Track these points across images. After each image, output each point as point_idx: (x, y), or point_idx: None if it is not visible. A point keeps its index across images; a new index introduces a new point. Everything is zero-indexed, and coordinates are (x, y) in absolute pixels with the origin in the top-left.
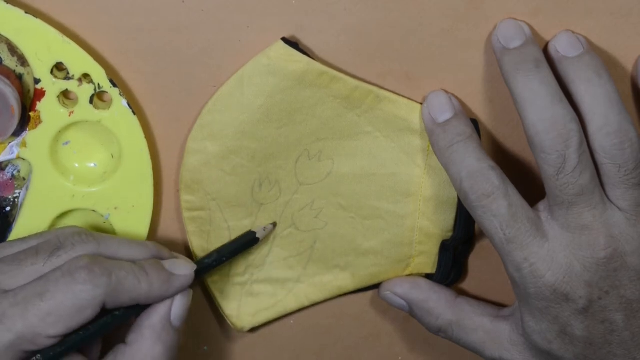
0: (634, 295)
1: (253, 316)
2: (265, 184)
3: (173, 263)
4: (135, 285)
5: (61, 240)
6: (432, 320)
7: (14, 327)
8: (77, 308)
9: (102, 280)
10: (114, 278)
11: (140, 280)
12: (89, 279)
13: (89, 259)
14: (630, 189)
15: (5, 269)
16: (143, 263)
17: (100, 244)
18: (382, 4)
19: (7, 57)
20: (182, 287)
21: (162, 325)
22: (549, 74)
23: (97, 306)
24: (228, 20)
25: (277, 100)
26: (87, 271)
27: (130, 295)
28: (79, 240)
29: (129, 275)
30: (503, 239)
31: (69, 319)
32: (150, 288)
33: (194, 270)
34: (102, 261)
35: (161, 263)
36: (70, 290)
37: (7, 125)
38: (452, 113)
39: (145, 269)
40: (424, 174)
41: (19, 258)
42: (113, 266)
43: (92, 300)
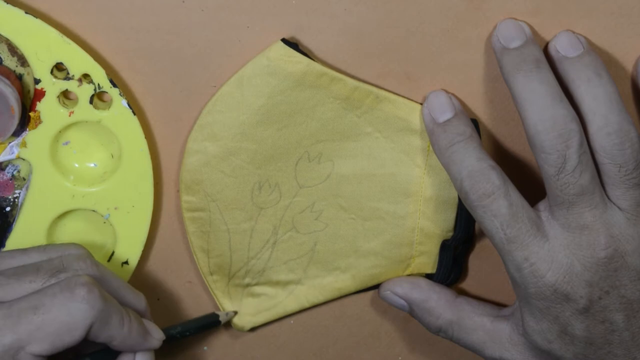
0: (634, 295)
1: (253, 316)
2: (265, 187)
3: (150, 324)
4: (118, 326)
5: (64, 264)
6: (432, 320)
7: (3, 338)
8: (67, 327)
9: (98, 302)
10: (107, 307)
11: (124, 322)
12: (87, 298)
13: (89, 279)
14: (631, 188)
15: (3, 282)
16: (130, 312)
17: (103, 275)
18: (382, 4)
19: (7, 57)
20: (151, 347)
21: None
22: (549, 74)
23: (86, 328)
24: (228, 20)
25: (277, 101)
26: (87, 289)
27: (111, 331)
28: (83, 267)
29: (117, 314)
30: (503, 238)
31: (56, 337)
32: (129, 334)
33: (161, 342)
34: (98, 286)
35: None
36: (66, 306)
37: (7, 125)
38: (452, 113)
39: (130, 315)
40: (424, 174)
41: (19, 273)
42: (108, 297)
43: (85, 320)
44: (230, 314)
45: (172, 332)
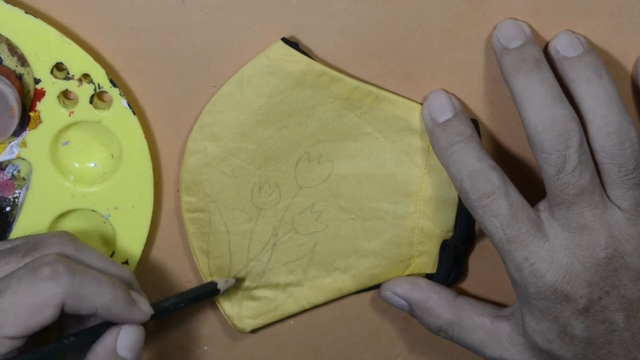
0: (634, 295)
1: (253, 319)
2: (265, 187)
3: (137, 296)
4: (98, 293)
5: (38, 242)
6: (432, 320)
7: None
8: (36, 306)
9: (64, 278)
10: (77, 279)
11: (104, 290)
12: (51, 276)
13: (55, 257)
14: (631, 188)
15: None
16: (114, 279)
17: (79, 250)
18: (382, 4)
19: (7, 57)
20: (139, 319)
21: (107, 355)
22: (549, 74)
23: (57, 305)
24: (228, 20)
25: (277, 101)
26: (51, 268)
27: (91, 303)
28: (57, 242)
29: (94, 281)
30: (503, 238)
31: (28, 317)
32: (113, 302)
33: (151, 313)
34: (66, 260)
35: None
36: (31, 286)
37: (7, 125)
38: (452, 113)
39: (114, 283)
40: (424, 174)
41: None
42: (80, 269)
43: (52, 298)
44: (230, 282)
45: (164, 304)
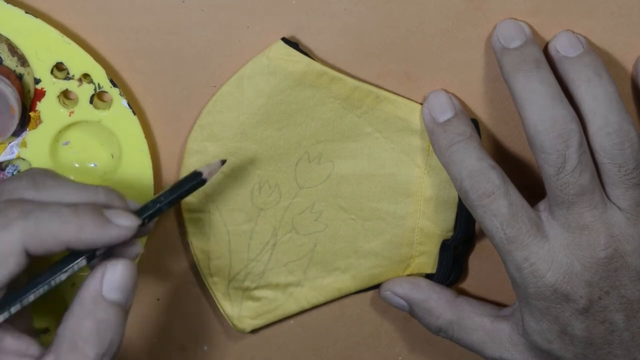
0: (634, 295)
1: (253, 319)
2: (265, 187)
3: (114, 213)
4: (60, 227)
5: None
6: (433, 320)
7: None
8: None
9: (16, 223)
10: (32, 220)
11: (67, 222)
12: (2, 225)
13: (4, 205)
14: (631, 188)
15: None
16: (77, 206)
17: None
18: (382, 4)
19: (7, 57)
20: (119, 236)
21: (92, 298)
22: (549, 74)
23: (17, 253)
24: (228, 20)
25: (277, 101)
26: (1, 217)
27: (56, 238)
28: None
29: (53, 216)
30: (503, 238)
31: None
32: (80, 230)
33: (136, 225)
34: (19, 204)
35: (99, 209)
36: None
37: (7, 125)
38: (452, 113)
39: (76, 211)
40: (424, 174)
41: None
42: (33, 208)
43: (10, 247)
44: (215, 165)
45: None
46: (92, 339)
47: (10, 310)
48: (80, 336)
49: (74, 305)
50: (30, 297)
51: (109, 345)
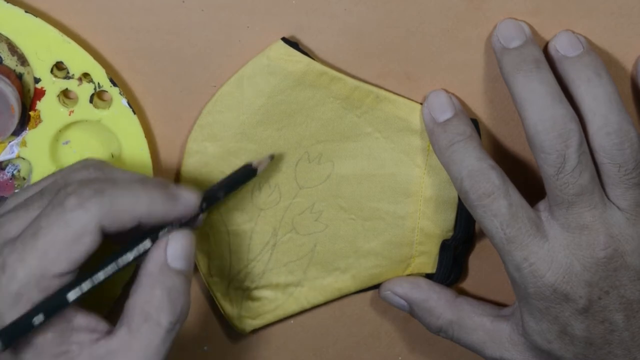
0: (634, 295)
1: (253, 319)
2: (265, 187)
3: (178, 188)
4: (134, 203)
5: (66, 179)
6: (433, 320)
7: (15, 274)
8: (72, 238)
9: (92, 202)
10: (106, 197)
11: (138, 196)
12: (78, 204)
13: (78, 185)
14: (630, 188)
15: (12, 218)
16: (145, 181)
17: (107, 172)
18: (382, 4)
19: (7, 57)
20: (186, 211)
21: (158, 268)
22: (549, 74)
23: (94, 231)
24: (228, 20)
25: (277, 101)
26: (76, 196)
27: (130, 214)
28: (85, 174)
29: (125, 192)
30: (503, 238)
31: (67, 251)
32: (151, 204)
33: (199, 200)
34: (92, 183)
35: (165, 183)
36: (61, 220)
37: (7, 124)
38: (452, 113)
39: (146, 185)
40: (424, 174)
41: (26, 204)
42: (106, 186)
43: (87, 225)
44: (265, 161)
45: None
46: (166, 307)
47: (82, 287)
48: (152, 306)
49: (141, 277)
50: (101, 276)
51: (180, 312)
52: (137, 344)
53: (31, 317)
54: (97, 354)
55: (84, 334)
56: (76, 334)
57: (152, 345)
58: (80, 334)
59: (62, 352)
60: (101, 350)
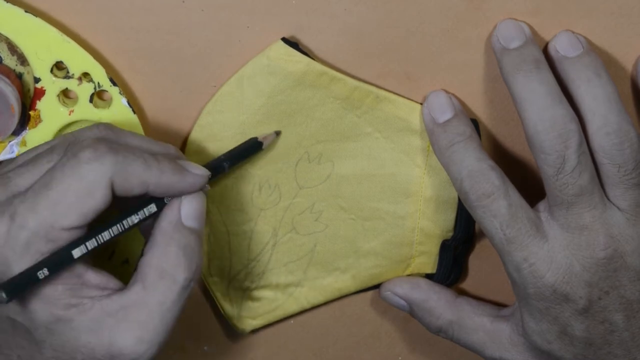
0: (634, 295)
1: (253, 319)
2: (265, 187)
3: (188, 163)
4: (144, 169)
5: (76, 135)
6: (433, 320)
7: (25, 223)
8: (85, 191)
9: (107, 157)
10: (120, 157)
11: (149, 165)
12: (93, 157)
13: (92, 140)
14: (630, 189)
15: (21, 171)
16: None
17: (118, 134)
18: (382, 4)
19: (7, 56)
20: (194, 184)
21: (173, 226)
22: (549, 74)
23: (105, 187)
24: (228, 20)
25: (277, 101)
26: (92, 149)
27: (139, 179)
28: (95, 132)
29: (137, 158)
30: (503, 239)
31: (79, 205)
32: (161, 175)
33: (207, 174)
34: (107, 142)
35: (175, 158)
36: (75, 172)
37: (7, 124)
38: (452, 113)
39: (157, 157)
40: (424, 174)
41: (35, 159)
42: (121, 148)
43: (100, 179)
44: (271, 136)
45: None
46: (182, 264)
47: (87, 246)
48: (168, 262)
49: (156, 235)
50: (105, 235)
51: (195, 269)
52: (153, 299)
53: (35, 271)
54: (109, 308)
55: (95, 290)
56: (87, 289)
57: (167, 301)
58: (91, 290)
59: (72, 304)
60: (114, 305)
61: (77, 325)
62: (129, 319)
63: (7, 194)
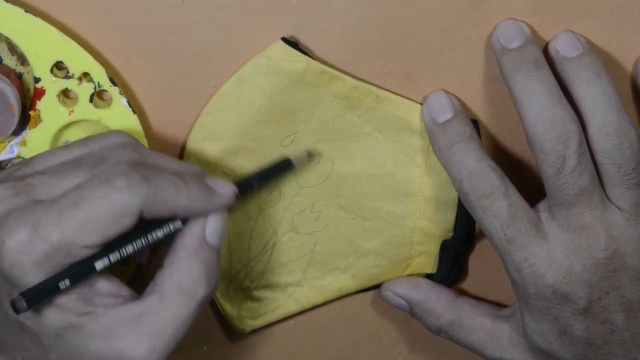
0: (634, 295)
1: (253, 319)
2: (265, 186)
3: (214, 181)
4: (174, 195)
5: (104, 154)
6: (433, 320)
7: (49, 236)
8: (114, 216)
9: (140, 187)
10: (152, 186)
11: (179, 191)
12: (126, 186)
13: (127, 166)
14: (630, 189)
15: (45, 180)
16: (185, 175)
17: (144, 155)
18: (382, 4)
19: (7, 56)
20: (222, 205)
21: (197, 243)
22: (549, 74)
23: (134, 214)
24: (228, 20)
25: (277, 100)
26: (125, 177)
27: (168, 205)
28: (123, 155)
29: (169, 185)
30: (503, 239)
31: (105, 227)
32: (190, 200)
33: (234, 192)
34: (141, 168)
35: (202, 178)
36: (107, 197)
37: (7, 124)
38: (452, 113)
39: (186, 180)
40: (424, 174)
41: (60, 170)
42: (152, 174)
43: (130, 207)
44: (304, 156)
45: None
46: (203, 281)
47: (110, 258)
48: (190, 278)
49: (179, 250)
50: (129, 249)
51: (214, 287)
52: (168, 312)
53: (57, 281)
54: (122, 316)
55: (108, 298)
56: (99, 297)
57: (183, 315)
58: (103, 298)
59: (86, 312)
60: (127, 314)
61: (87, 332)
62: (142, 328)
63: (28, 200)
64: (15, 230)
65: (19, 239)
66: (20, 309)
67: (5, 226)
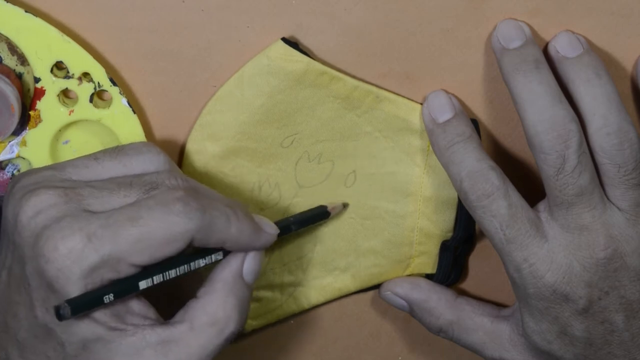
0: (634, 295)
1: (254, 319)
2: (265, 186)
3: (260, 219)
4: (225, 227)
5: (157, 181)
6: (433, 320)
7: (101, 248)
8: (167, 239)
9: (196, 214)
10: (207, 215)
11: (231, 224)
12: (183, 211)
13: (185, 192)
14: (630, 189)
15: (96, 194)
16: (237, 209)
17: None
18: (382, 4)
19: (7, 56)
20: (266, 243)
21: (234, 279)
22: (549, 75)
23: (186, 240)
24: (228, 20)
25: (277, 100)
26: (183, 203)
27: (218, 236)
28: (174, 183)
29: (222, 215)
30: (503, 239)
31: (156, 249)
32: (240, 235)
33: (277, 233)
34: (198, 196)
35: (250, 213)
36: (164, 219)
37: (7, 124)
38: (452, 113)
39: (237, 214)
40: (423, 173)
41: (110, 187)
42: (208, 204)
43: (184, 233)
44: (338, 207)
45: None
46: (235, 316)
47: (154, 280)
48: (223, 312)
49: (215, 283)
50: (172, 274)
51: (243, 324)
52: (197, 342)
53: (102, 294)
54: (150, 338)
55: (138, 318)
56: (130, 316)
57: (210, 348)
58: (134, 318)
59: (117, 328)
60: (155, 337)
61: (114, 348)
62: (168, 354)
63: (80, 209)
64: (69, 237)
65: (72, 246)
66: (64, 316)
67: (58, 232)
